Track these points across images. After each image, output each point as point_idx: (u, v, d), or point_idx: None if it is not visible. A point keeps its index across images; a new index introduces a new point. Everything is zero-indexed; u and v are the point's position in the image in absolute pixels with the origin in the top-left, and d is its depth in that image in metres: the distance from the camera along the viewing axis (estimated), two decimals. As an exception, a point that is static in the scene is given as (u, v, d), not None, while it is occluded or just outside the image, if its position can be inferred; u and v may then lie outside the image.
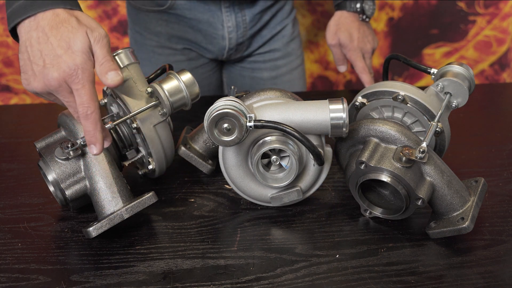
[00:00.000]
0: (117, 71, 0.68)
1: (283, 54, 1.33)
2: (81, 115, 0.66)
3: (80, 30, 0.66)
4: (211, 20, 1.20)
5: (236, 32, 1.22)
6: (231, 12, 1.20)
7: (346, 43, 1.22)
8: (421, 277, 0.69)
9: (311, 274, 0.69)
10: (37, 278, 0.69)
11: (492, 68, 2.06)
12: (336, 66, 1.29)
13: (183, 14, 1.20)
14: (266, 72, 1.33)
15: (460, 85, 0.81)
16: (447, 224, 0.74)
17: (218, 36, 1.22)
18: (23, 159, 0.96)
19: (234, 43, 1.24)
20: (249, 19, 1.22)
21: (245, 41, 1.26)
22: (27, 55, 0.66)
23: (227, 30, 1.21)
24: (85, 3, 1.81)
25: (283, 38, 1.31)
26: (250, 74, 1.33)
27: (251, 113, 0.73)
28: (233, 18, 1.20)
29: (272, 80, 1.33)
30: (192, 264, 0.71)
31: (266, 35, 1.29)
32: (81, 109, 0.66)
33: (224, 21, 1.20)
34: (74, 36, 0.66)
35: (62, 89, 0.66)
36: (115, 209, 0.74)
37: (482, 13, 1.97)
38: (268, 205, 0.82)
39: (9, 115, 1.16)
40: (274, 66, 1.33)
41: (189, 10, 1.19)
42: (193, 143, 0.90)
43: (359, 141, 0.79)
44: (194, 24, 1.21)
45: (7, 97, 1.93)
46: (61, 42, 0.65)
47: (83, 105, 0.66)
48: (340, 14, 1.24)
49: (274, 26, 1.29)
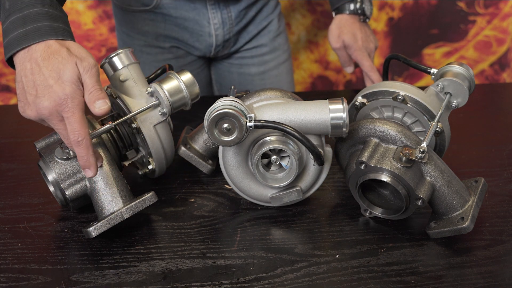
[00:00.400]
0: (105, 100, 0.71)
1: (270, 49, 1.34)
2: (73, 142, 0.69)
3: (70, 61, 0.70)
4: (197, 18, 1.21)
5: (222, 28, 1.24)
6: (216, 9, 1.21)
7: (350, 44, 1.23)
8: (421, 277, 0.69)
9: (311, 274, 0.69)
10: (37, 278, 0.69)
11: (492, 68, 2.06)
12: (343, 68, 1.30)
13: (169, 13, 1.21)
14: (254, 68, 1.34)
15: (460, 85, 0.81)
16: (447, 224, 0.74)
17: (204, 33, 1.24)
18: (23, 159, 0.96)
19: (221, 39, 1.25)
20: (234, 16, 1.24)
21: (231, 38, 1.27)
22: (21, 85, 0.70)
23: (213, 27, 1.23)
24: (85, 3, 1.81)
25: (269, 33, 1.33)
26: (238, 70, 1.35)
27: (251, 113, 0.73)
28: (218, 15, 1.22)
29: (260, 75, 1.35)
30: (192, 264, 0.71)
31: (252, 31, 1.30)
32: (72, 136, 0.69)
33: (210, 18, 1.22)
34: (64, 67, 0.69)
35: (53, 117, 0.70)
36: (115, 209, 0.74)
37: (482, 13, 1.97)
38: (268, 205, 0.82)
39: (9, 115, 1.16)
40: (262, 61, 1.34)
41: (174, 9, 1.20)
42: (193, 143, 0.90)
43: (359, 141, 0.79)
44: (180, 22, 1.22)
45: (7, 97, 1.93)
46: (52, 72, 0.69)
47: (74, 132, 0.69)
48: (340, 17, 1.25)
49: (260, 22, 1.30)
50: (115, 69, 0.81)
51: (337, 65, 2.00)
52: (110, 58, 0.81)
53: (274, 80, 1.36)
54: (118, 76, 0.81)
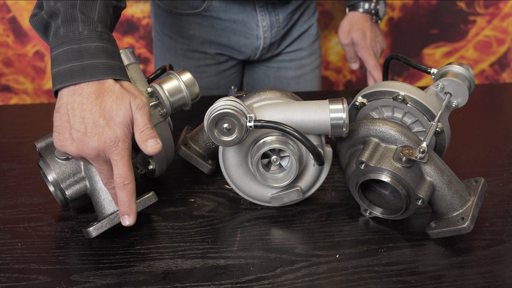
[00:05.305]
0: (157, 139, 0.68)
1: (308, 53, 1.35)
2: (118, 185, 0.66)
3: (124, 101, 0.67)
4: (246, 20, 1.21)
5: (270, 31, 1.24)
6: (265, 12, 1.21)
7: (359, 41, 1.24)
8: (421, 277, 0.69)
9: (311, 274, 0.69)
10: (37, 278, 0.69)
11: (492, 68, 2.06)
12: (349, 64, 1.32)
13: (218, 16, 1.20)
14: (291, 71, 1.34)
15: (460, 85, 0.81)
16: (447, 224, 0.74)
17: (253, 36, 1.23)
18: (23, 159, 0.96)
19: (268, 42, 1.26)
20: (282, 19, 1.24)
21: (277, 40, 1.27)
22: (66, 118, 0.66)
23: (262, 30, 1.23)
24: (85, 3, 1.81)
25: (309, 37, 1.34)
26: (275, 73, 1.35)
27: (251, 113, 0.73)
28: (267, 17, 1.22)
29: (295, 79, 1.35)
30: (192, 264, 0.71)
31: (294, 34, 1.30)
32: (119, 180, 0.66)
33: (259, 20, 1.21)
34: (117, 107, 0.66)
35: (99, 158, 0.67)
36: (115, 209, 0.74)
37: (482, 13, 1.97)
38: (268, 205, 0.82)
39: (9, 115, 1.16)
40: (299, 65, 1.34)
41: (224, 11, 1.20)
42: (193, 143, 0.90)
43: (359, 141, 0.79)
44: (229, 25, 1.22)
45: (7, 97, 1.93)
46: (104, 112, 0.66)
47: (121, 176, 0.66)
48: (353, 14, 1.26)
49: (302, 25, 1.31)
50: (115, 69, 0.81)
51: (337, 65, 2.00)
52: (110, 58, 0.81)
53: (308, 84, 1.37)
54: (118, 76, 0.81)
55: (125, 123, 0.66)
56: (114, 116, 0.66)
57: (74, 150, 0.66)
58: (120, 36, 1.87)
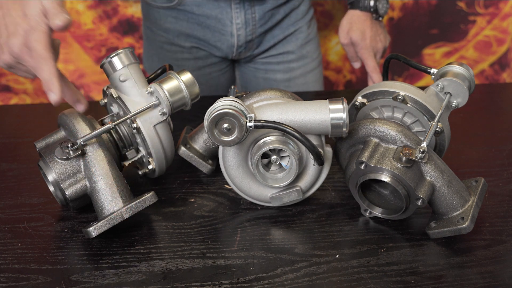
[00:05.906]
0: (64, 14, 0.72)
1: (297, 56, 1.32)
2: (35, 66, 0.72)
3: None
4: (219, 17, 1.20)
5: (245, 29, 1.22)
6: (240, 9, 1.20)
7: (358, 42, 1.22)
8: (421, 277, 0.69)
9: (311, 274, 0.69)
10: (37, 278, 0.69)
11: (492, 68, 2.06)
12: (351, 63, 1.30)
13: (191, 10, 1.20)
14: (279, 74, 1.32)
15: (460, 85, 0.81)
16: (447, 224, 0.74)
17: (226, 32, 1.23)
18: (23, 159, 0.96)
19: (242, 40, 1.24)
20: (258, 17, 1.22)
21: (254, 39, 1.26)
22: None
23: (235, 27, 1.22)
24: (85, 3, 1.81)
25: (297, 40, 1.31)
26: (263, 75, 1.33)
27: (251, 113, 0.73)
28: (242, 14, 1.20)
29: (285, 83, 1.33)
30: (192, 264, 0.71)
31: (278, 35, 1.28)
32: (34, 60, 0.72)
33: (233, 17, 1.20)
34: (27, 3, 0.71)
35: (23, 54, 0.71)
36: (115, 209, 0.74)
37: (482, 13, 1.97)
38: (268, 205, 0.82)
39: (9, 115, 1.16)
40: (288, 68, 1.32)
41: (198, 6, 1.20)
42: (193, 143, 0.90)
43: (359, 141, 0.79)
44: (203, 20, 1.21)
45: (7, 97, 1.93)
46: (18, 11, 0.71)
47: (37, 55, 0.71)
48: (352, 13, 1.24)
49: (287, 27, 1.28)
50: (115, 69, 0.81)
51: (337, 65, 2.00)
52: (110, 58, 0.81)
53: (301, 88, 1.34)
54: (118, 76, 0.81)
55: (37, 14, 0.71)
56: (26, 12, 0.71)
57: (6, 56, 0.73)
58: (120, 36, 1.87)
